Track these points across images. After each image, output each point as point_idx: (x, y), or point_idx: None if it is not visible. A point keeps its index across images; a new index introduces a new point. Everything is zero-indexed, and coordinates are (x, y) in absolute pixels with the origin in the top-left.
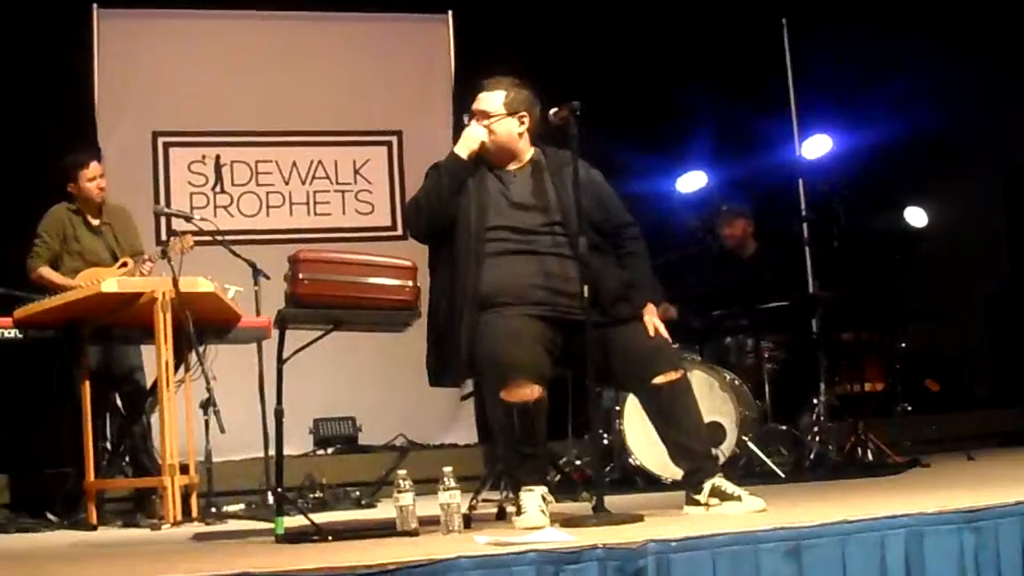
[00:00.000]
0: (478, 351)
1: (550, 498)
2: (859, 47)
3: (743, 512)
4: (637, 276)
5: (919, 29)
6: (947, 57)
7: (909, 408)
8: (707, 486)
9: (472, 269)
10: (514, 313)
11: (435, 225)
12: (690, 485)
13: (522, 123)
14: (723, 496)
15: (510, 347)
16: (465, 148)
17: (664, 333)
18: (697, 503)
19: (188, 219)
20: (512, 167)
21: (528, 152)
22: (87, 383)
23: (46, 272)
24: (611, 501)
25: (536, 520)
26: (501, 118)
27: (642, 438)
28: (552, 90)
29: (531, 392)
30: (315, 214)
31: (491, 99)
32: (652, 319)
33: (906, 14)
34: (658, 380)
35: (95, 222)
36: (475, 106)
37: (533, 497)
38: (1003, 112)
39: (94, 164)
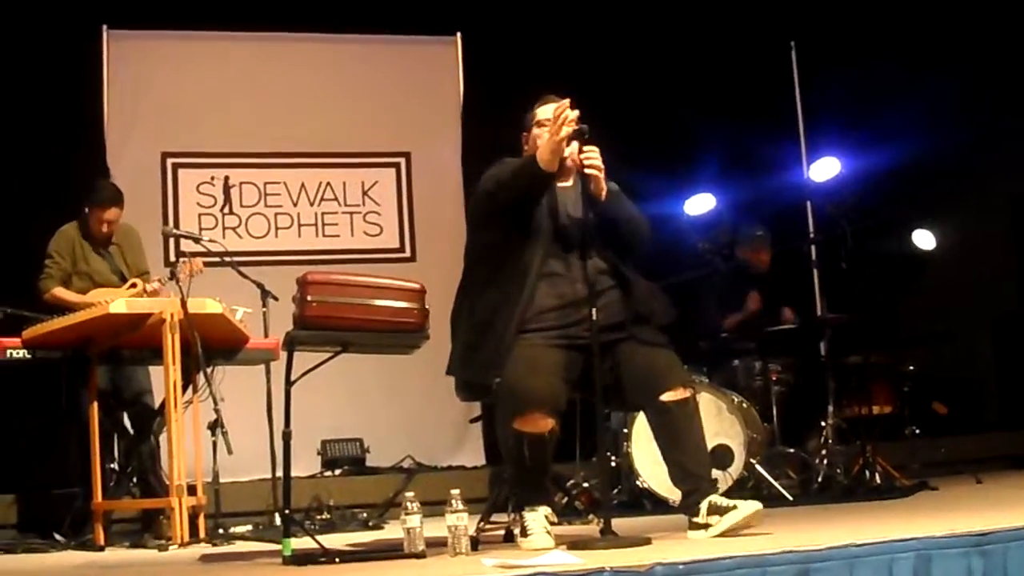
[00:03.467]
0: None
1: (553, 518)
2: (867, 70)
3: (742, 516)
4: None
5: (927, 52)
6: (955, 79)
7: (917, 431)
8: (703, 506)
9: (529, 286)
10: (537, 342)
11: (501, 217)
12: (688, 508)
13: None
14: (720, 511)
15: (528, 378)
16: (554, 157)
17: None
18: (698, 526)
19: (197, 240)
20: (566, 183)
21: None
22: (95, 404)
23: (60, 292)
24: (619, 523)
25: (542, 541)
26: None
27: (650, 460)
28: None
29: (545, 424)
30: (323, 235)
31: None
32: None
33: (914, 37)
34: (667, 397)
35: (103, 244)
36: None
37: (536, 518)
38: (1012, 136)
39: (112, 210)
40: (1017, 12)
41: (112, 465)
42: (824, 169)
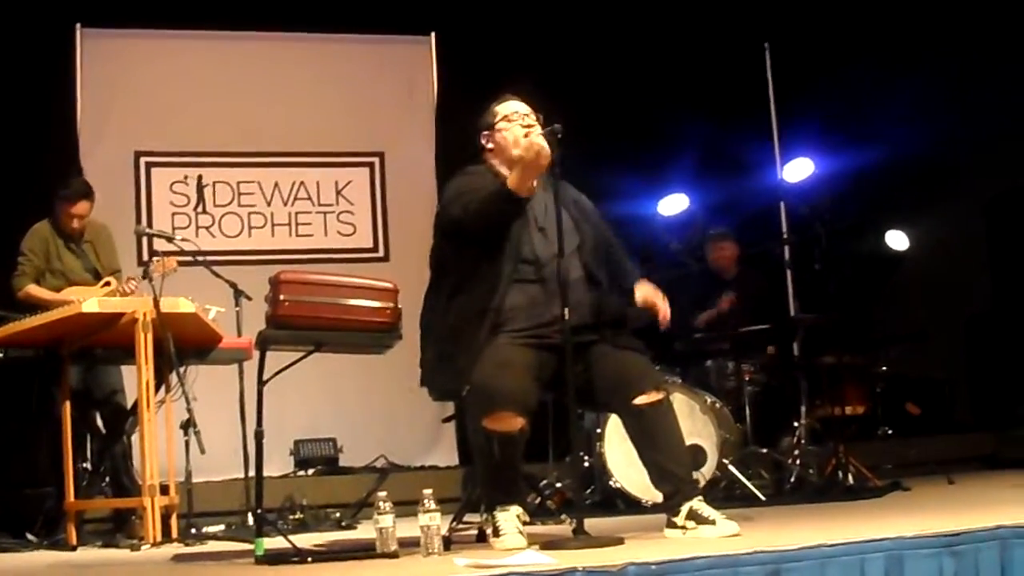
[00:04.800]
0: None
1: (525, 517)
2: (841, 71)
3: (716, 536)
4: (624, 262)
5: (901, 53)
6: (929, 80)
7: (890, 431)
8: (684, 509)
9: (500, 293)
10: (507, 341)
11: (470, 241)
12: (668, 508)
13: None
14: (699, 519)
15: (499, 377)
16: (529, 184)
17: (661, 304)
18: (675, 526)
19: (170, 239)
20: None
21: None
22: (68, 403)
23: (34, 290)
24: (591, 524)
25: (514, 541)
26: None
27: (623, 461)
28: (534, 111)
29: (515, 423)
30: (297, 235)
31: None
32: (648, 288)
33: (888, 39)
34: (640, 400)
35: (76, 242)
36: (525, 110)
37: (508, 517)
38: (985, 136)
39: (82, 204)
40: (991, 15)
41: (84, 464)
42: (798, 170)
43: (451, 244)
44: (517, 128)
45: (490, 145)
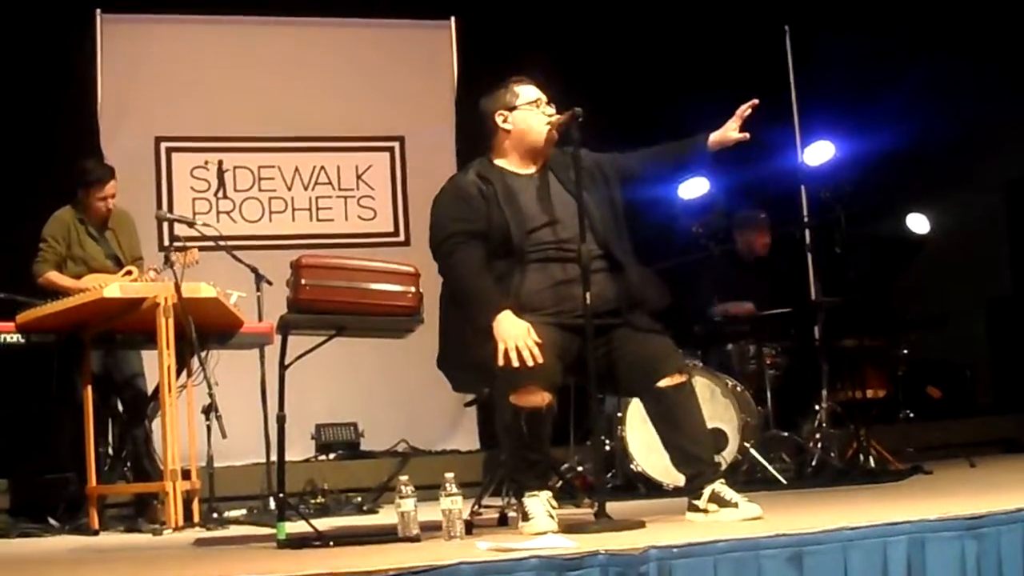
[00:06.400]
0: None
1: (554, 503)
2: (862, 54)
3: (739, 519)
4: (672, 144)
5: (922, 36)
6: (950, 63)
7: (911, 415)
8: (706, 492)
9: (516, 279)
10: (532, 320)
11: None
12: (690, 491)
13: None
14: (721, 502)
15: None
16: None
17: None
18: (697, 509)
19: (191, 224)
20: (533, 169)
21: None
22: (89, 388)
23: (54, 276)
24: (613, 507)
25: (545, 524)
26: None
27: (644, 445)
28: (554, 96)
29: (541, 399)
30: (317, 220)
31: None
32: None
33: (909, 21)
34: (663, 383)
35: (98, 229)
36: (541, 94)
37: (539, 502)
38: (1006, 119)
39: (111, 184)
40: None
41: (106, 449)
42: (818, 153)
43: None
44: (540, 116)
45: (507, 126)
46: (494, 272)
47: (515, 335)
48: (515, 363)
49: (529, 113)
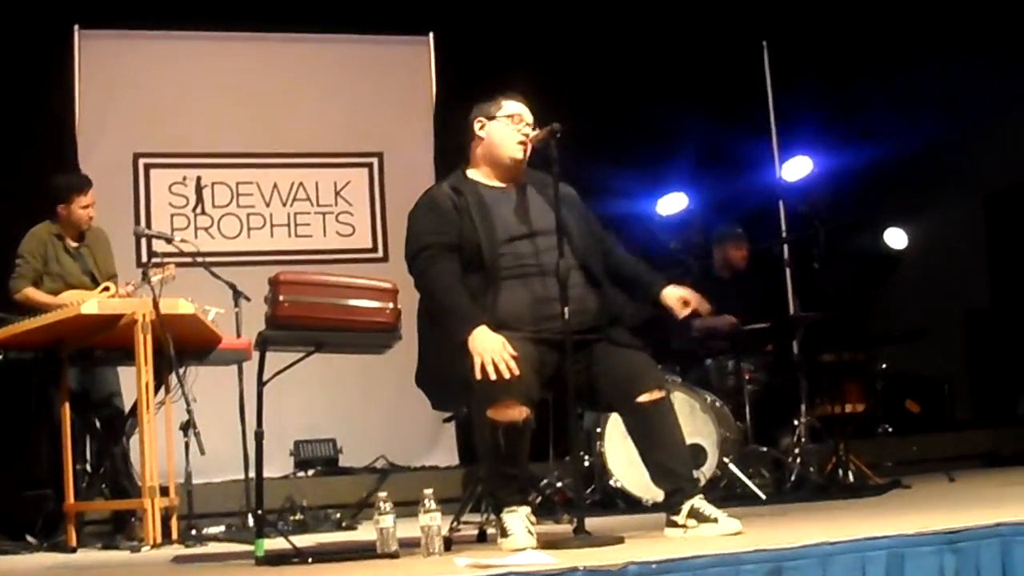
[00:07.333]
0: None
1: (533, 518)
2: (839, 69)
3: (718, 534)
4: (641, 268)
5: (899, 50)
6: (927, 77)
7: (890, 429)
8: (685, 507)
9: (491, 294)
10: (509, 336)
11: None
12: (669, 507)
13: None
14: (700, 518)
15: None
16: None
17: (698, 303)
18: (676, 525)
19: (169, 240)
20: (507, 184)
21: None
22: (67, 405)
23: (32, 292)
24: (592, 523)
25: (524, 540)
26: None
27: (623, 460)
28: (533, 111)
29: (519, 413)
30: (296, 236)
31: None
32: (681, 289)
33: (886, 35)
34: (642, 399)
35: (75, 244)
36: (529, 118)
37: (517, 518)
38: (983, 133)
39: (90, 192)
40: (989, 11)
41: (84, 466)
42: (796, 168)
43: None
44: (513, 133)
45: (482, 133)
46: (469, 287)
47: (491, 349)
48: (492, 376)
49: (504, 127)
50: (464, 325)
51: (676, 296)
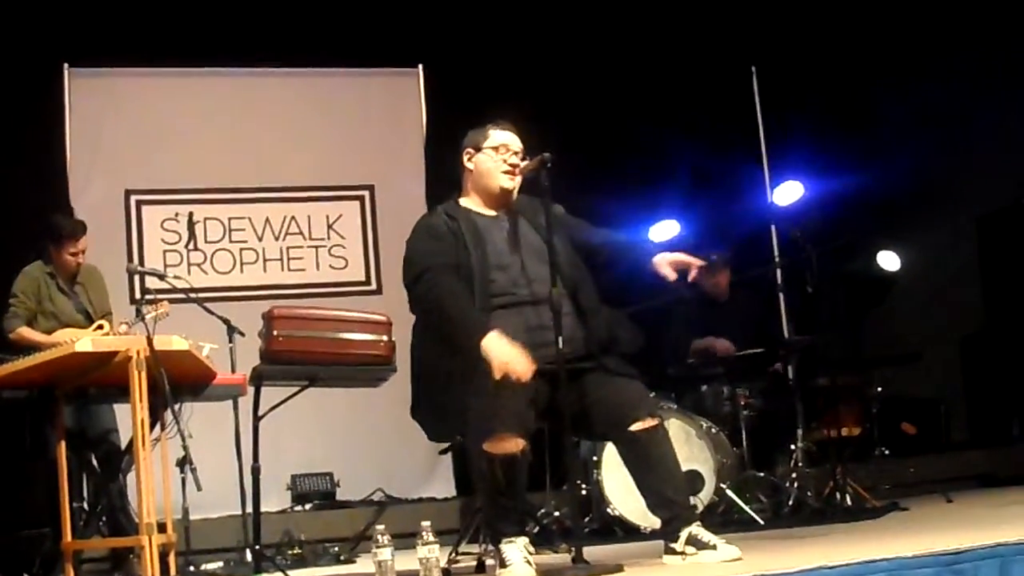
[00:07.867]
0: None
1: (531, 548)
2: (829, 93)
3: (717, 560)
4: (625, 236)
5: (889, 74)
6: (918, 101)
7: (886, 452)
8: (683, 534)
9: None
10: None
11: None
12: (667, 534)
13: None
14: (699, 544)
15: (495, 400)
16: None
17: (687, 258)
18: (675, 552)
19: (162, 277)
20: (498, 211)
21: None
22: (63, 443)
23: (26, 331)
24: (590, 552)
25: (522, 571)
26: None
27: (620, 488)
28: (523, 140)
29: (515, 445)
30: (289, 270)
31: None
32: (671, 254)
33: (876, 60)
34: (636, 427)
35: (68, 284)
36: (517, 147)
37: (516, 548)
38: (976, 156)
39: (82, 239)
40: (981, 35)
41: (81, 504)
42: (788, 193)
43: None
44: (500, 163)
45: (470, 165)
46: None
47: (508, 352)
48: (513, 376)
49: (489, 158)
50: (475, 331)
51: (667, 260)
